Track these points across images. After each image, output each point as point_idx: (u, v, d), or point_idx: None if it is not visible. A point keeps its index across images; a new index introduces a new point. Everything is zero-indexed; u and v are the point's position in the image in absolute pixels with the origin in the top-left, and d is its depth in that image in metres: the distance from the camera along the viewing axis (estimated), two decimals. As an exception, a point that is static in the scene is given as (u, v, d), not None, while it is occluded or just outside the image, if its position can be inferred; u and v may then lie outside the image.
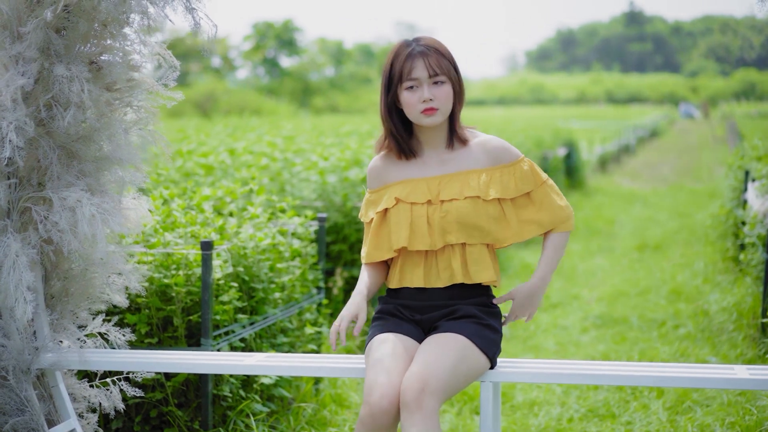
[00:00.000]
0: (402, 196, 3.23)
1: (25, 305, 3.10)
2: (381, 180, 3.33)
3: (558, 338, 6.68)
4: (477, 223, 3.17)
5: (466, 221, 3.17)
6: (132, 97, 3.47)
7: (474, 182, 3.20)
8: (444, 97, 3.18)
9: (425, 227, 3.18)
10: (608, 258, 10.00)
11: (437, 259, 3.22)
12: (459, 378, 3.03)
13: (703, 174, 20.21)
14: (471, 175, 3.22)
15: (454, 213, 3.17)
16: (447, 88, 3.19)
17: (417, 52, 3.17)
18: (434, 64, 3.16)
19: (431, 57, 3.17)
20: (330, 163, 7.26)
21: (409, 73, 3.17)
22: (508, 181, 3.21)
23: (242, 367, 3.31)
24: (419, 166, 3.27)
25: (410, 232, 3.20)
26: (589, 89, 79.30)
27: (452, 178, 3.22)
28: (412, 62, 3.17)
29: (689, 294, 7.81)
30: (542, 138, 15.67)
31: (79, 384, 3.66)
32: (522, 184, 3.23)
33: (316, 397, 4.85)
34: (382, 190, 3.32)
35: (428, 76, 3.16)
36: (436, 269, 3.22)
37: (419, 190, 3.22)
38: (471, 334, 3.13)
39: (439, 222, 3.17)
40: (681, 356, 6.01)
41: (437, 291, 3.22)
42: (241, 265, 4.48)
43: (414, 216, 3.20)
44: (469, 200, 3.18)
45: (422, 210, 3.20)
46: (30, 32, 3.14)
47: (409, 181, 3.26)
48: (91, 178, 3.37)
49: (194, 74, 50.28)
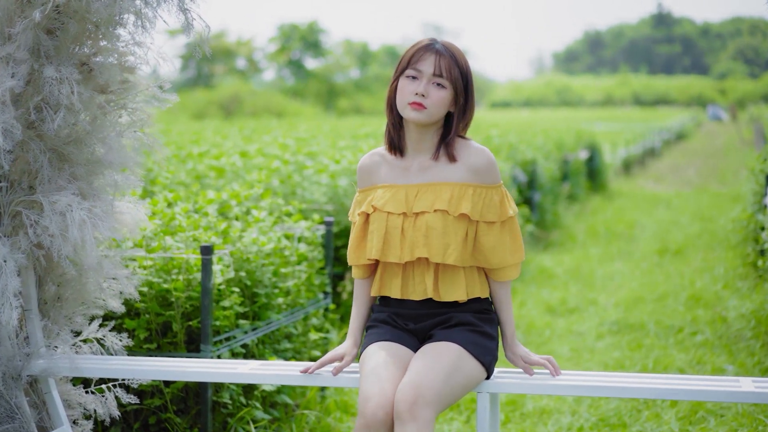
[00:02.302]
0: (379, 205, 3.16)
1: (10, 311, 3.04)
2: (367, 180, 3.26)
3: (573, 344, 6.56)
4: (442, 239, 3.08)
5: (431, 235, 3.08)
6: (126, 99, 3.41)
7: (446, 195, 3.10)
8: (438, 100, 3.08)
9: (398, 239, 3.11)
10: (627, 262, 9.86)
11: (414, 271, 3.15)
12: (454, 387, 2.96)
13: (728, 177, 19.97)
14: (445, 187, 3.12)
15: (423, 227, 3.09)
16: (445, 93, 3.09)
17: (434, 48, 3.10)
18: (444, 65, 3.07)
19: (444, 58, 3.08)
20: (341, 166, 7.19)
21: (416, 62, 3.09)
22: (476, 202, 3.10)
23: (235, 375, 3.24)
24: (402, 172, 3.18)
25: (383, 243, 3.13)
26: (616, 91, 78.77)
27: (428, 189, 3.13)
28: (423, 54, 3.09)
29: (708, 300, 7.66)
30: (564, 140, 15.53)
31: (75, 390, 3.61)
32: (486, 211, 3.11)
33: (321, 404, 4.78)
34: (368, 190, 3.24)
35: (432, 74, 3.07)
36: (413, 282, 3.15)
37: (397, 199, 3.14)
38: (465, 342, 3.06)
39: (411, 234, 3.10)
40: (697, 364, 5.88)
41: (417, 302, 3.16)
42: (244, 270, 4.41)
43: (389, 226, 3.13)
44: (438, 213, 3.09)
45: (397, 221, 3.12)
46: (19, 33, 3.09)
47: (390, 187, 3.18)
48: (83, 182, 3.31)
49: (219, 76, 50.46)
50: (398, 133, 3.19)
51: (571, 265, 9.61)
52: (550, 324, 7.09)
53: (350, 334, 3.27)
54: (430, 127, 3.14)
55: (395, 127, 3.19)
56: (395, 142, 3.20)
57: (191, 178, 6.90)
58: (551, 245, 11.01)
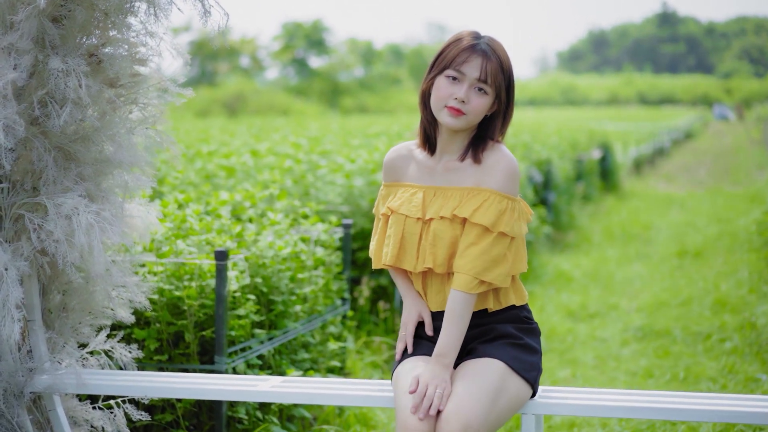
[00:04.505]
0: (395, 206, 2.92)
1: (12, 324, 2.78)
2: (392, 175, 3.01)
3: (597, 351, 6.31)
4: (449, 249, 2.83)
5: (437, 244, 2.83)
6: (137, 93, 3.16)
7: (455, 201, 2.85)
8: (478, 107, 2.83)
9: (415, 245, 2.87)
10: (646, 265, 9.60)
11: (432, 280, 2.91)
12: (501, 412, 2.72)
13: (740, 177, 19.68)
14: (456, 192, 2.86)
15: (431, 234, 2.84)
16: (486, 100, 2.84)
17: (480, 49, 2.82)
18: (491, 70, 2.81)
19: (492, 63, 2.81)
20: (357, 165, 6.92)
21: (460, 64, 2.82)
22: (482, 207, 2.80)
23: (255, 393, 2.98)
24: (428, 172, 2.94)
25: (399, 249, 2.89)
26: (620, 90, 78.48)
27: (442, 193, 2.88)
28: (469, 55, 2.82)
29: (734, 305, 7.40)
30: (577, 140, 15.26)
31: (81, 406, 3.35)
32: (485, 213, 2.79)
33: (340, 417, 4.52)
34: (392, 186, 3.00)
35: (477, 79, 2.81)
36: (432, 291, 2.92)
37: (414, 202, 2.89)
38: (508, 358, 2.81)
39: (424, 242, 2.86)
40: (729, 373, 5.65)
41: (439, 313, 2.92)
42: (260, 276, 4.16)
43: (406, 231, 2.89)
44: (445, 221, 2.84)
45: (415, 226, 2.88)
46: (22, 21, 2.83)
47: (410, 187, 2.94)
48: (91, 183, 3.05)
49: (223, 74, 50.19)
50: (434, 131, 2.94)
51: (588, 268, 9.36)
52: (572, 330, 6.84)
53: (406, 293, 2.97)
54: (464, 130, 2.89)
55: (431, 125, 2.94)
56: (432, 140, 2.95)
57: (200, 178, 6.64)
58: (567, 247, 10.76)
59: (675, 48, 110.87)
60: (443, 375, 2.73)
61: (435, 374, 2.73)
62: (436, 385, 2.70)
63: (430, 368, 2.75)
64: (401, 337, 2.94)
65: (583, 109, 60.09)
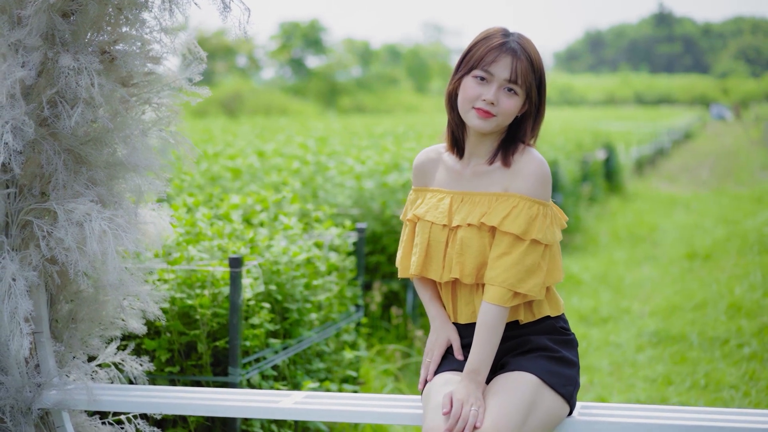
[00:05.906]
0: (421, 213, 2.78)
1: (21, 339, 2.61)
2: (421, 179, 2.87)
3: (612, 357, 6.16)
4: (477, 258, 2.68)
5: (465, 252, 2.68)
6: (151, 93, 2.99)
7: (483, 207, 2.69)
8: (508, 108, 2.68)
9: (441, 254, 2.73)
10: (656, 268, 9.45)
11: (461, 291, 2.75)
12: (533, 429, 2.57)
13: (744, 178, 19.53)
14: (483, 198, 2.71)
15: (458, 242, 2.69)
16: (516, 101, 2.68)
17: (510, 48, 2.67)
18: (521, 70, 2.66)
19: (522, 62, 2.66)
20: (367, 167, 6.74)
21: (489, 64, 2.66)
22: (512, 213, 2.65)
23: (277, 410, 2.82)
24: (456, 176, 2.79)
25: (425, 258, 2.75)
26: (617, 90, 78.34)
27: (469, 199, 2.73)
28: (498, 54, 2.67)
29: (749, 309, 7.25)
30: (582, 140, 15.11)
31: (90, 422, 3.18)
32: (514, 221, 2.64)
33: (355, 429, 4.36)
34: (420, 191, 2.86)
35: (506, 80, 2.66)
36: (461, 302, 2.76)
37: (441, 208, 2.75)
38: (541, 372, 2.65)
39: (450, 250, 2.71)
40: (750, 380, 5.50)
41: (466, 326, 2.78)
42: (274, 283, 3.99)
43: (432, 239, 2.74)
44: (473, 228, 2.68)
45: (441, 234, 2.73)
46: (31, 16, 2.67)
47: (438, 192, 2.80)
48: (103, 188, 2.88)
49: (220, 74, 49.94)
50: (462, 134, 2.79)
51: (598, 271, 9.21)
52: (585, 335, 6.70)
53: (436, 315, 2.82)
54: (493, 133, 2.74)
55: (459, 127, 2.78)
56: (460, 143, 2.80)
57: (206, 180, 6.47)
58: (575, 249, 10.60)
59: (671, 48, 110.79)
60: (476, 393, 2.58)
61: (469, 392, 2.57)
62: (471, 404, 2.54)
63: (463, 386, 2.59)
64: (426, 364, 2.79)
65: (581, 110, 59.87)
